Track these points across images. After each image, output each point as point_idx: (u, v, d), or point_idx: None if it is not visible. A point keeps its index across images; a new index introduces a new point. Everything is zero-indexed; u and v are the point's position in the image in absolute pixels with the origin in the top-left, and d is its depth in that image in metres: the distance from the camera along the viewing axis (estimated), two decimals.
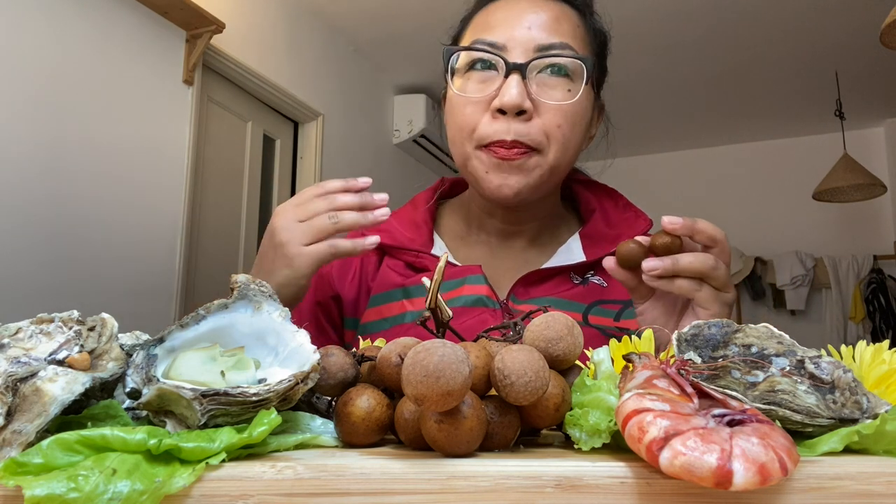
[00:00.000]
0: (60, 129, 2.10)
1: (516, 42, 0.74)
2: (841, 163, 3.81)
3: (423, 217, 0.88)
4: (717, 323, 0.41)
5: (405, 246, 0.83)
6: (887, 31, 2.18)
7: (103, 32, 2.26)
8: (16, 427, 0.32)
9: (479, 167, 0.76)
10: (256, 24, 2.98)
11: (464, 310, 0.76)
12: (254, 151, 3.10)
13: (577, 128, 0.76)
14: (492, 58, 0.75)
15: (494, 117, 0.74)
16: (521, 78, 0.72)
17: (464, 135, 0.76)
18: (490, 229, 0.85)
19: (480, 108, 0.75)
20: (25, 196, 1.98)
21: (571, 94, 0.74)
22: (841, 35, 3.49)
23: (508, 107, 0.72)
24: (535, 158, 0.74)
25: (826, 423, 0.34)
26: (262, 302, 0.43)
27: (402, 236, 0.85)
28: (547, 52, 0.74)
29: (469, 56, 0.77)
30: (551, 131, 0.74)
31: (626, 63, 3.77)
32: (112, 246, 2.24)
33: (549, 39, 0.74)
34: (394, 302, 0.81)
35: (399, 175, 4.03)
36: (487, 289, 0.78)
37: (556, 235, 0.87)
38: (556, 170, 0.76)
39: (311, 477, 0.30)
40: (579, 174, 0.93)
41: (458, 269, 0.81)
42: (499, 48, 0.74)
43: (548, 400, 0.36)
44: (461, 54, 0.78)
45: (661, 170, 5.25)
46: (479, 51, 0.75)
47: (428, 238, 0.86)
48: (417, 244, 0.84)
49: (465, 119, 0.76)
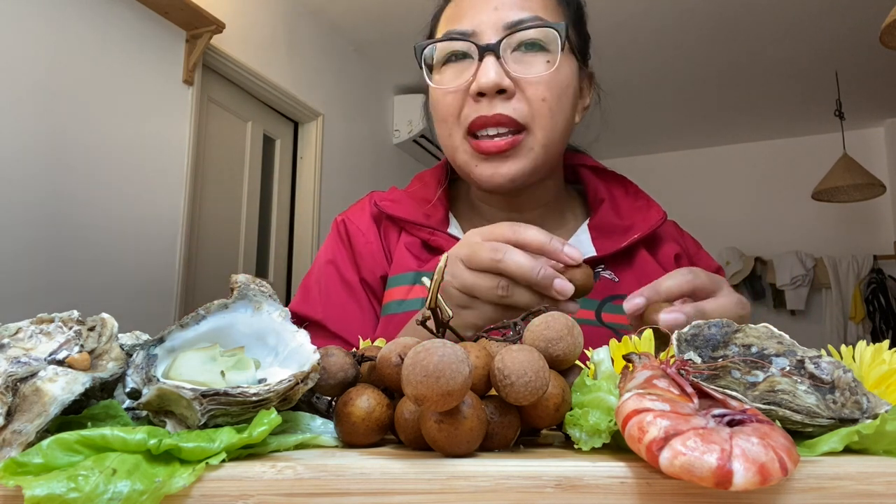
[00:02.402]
0: (60, 129, 2.10)
1: (485, 25, 0.73)
2: (840, 163, 3.81)
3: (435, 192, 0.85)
4: (717, 323, 0.41)
5: (420, 222, 0.81)
6: (887, 31, 2.18)
7: (103, 32, 2.26)
8: (16, 427, 0.32)
9: (468, 160, 0.74)
10: (256, 24, 2.98)
11: None
12: (254, 151, 3.10)
13: (564, 99, 0.74)
14: (463, 45, 0.74)
15: (476, 101, 0.72)
16: (496, 58, 0.71)
17: (448, 125, 0.75)
18: (494, 219, 0.82)
19: (460, 97, 0.73)
20: (25, 196, 1.98)
21: (550, 64, 0.72)
22: (841, 35, 3.49)
23: (486, 87, 0.70)
24: (526, 140, 0.72)
25: (826, 423, 0.34)
26: (262, 302, 0.43)
27: (417, 211, 0.83)
28: (516, 27, 0.72)
29: (443, 50, 0.76)
30: (536, 105, 0.72)
31: (626, 63, 3.78)
32: (112, 246, 2.24)
33: (518, 15, 0.72)
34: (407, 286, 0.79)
35: (399, 175, 4.03)
36: None
37: (563, 224, 0.84)
38: (549, 147, 0.74)
39: (311, 477, 0.30)
40: (587, 158, 0.90)
41: None
42: (469, 35, 0.73)
43: (548, 400, 0.36)
44: (435, 50, 0.76)
45: (661, 170, 5.25)
46: (449, 40, 0.74)
47: (444, 216, 0.83)
48: (433, 221, 0.82)
49: (446, 109, 0.75)
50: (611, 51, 3.61)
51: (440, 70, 0.76)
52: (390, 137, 4.08)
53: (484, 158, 0.72)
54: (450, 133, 0.75)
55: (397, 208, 0.83)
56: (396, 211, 0.83)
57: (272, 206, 3.24)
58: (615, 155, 5.23)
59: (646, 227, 0.79)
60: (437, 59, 0.77)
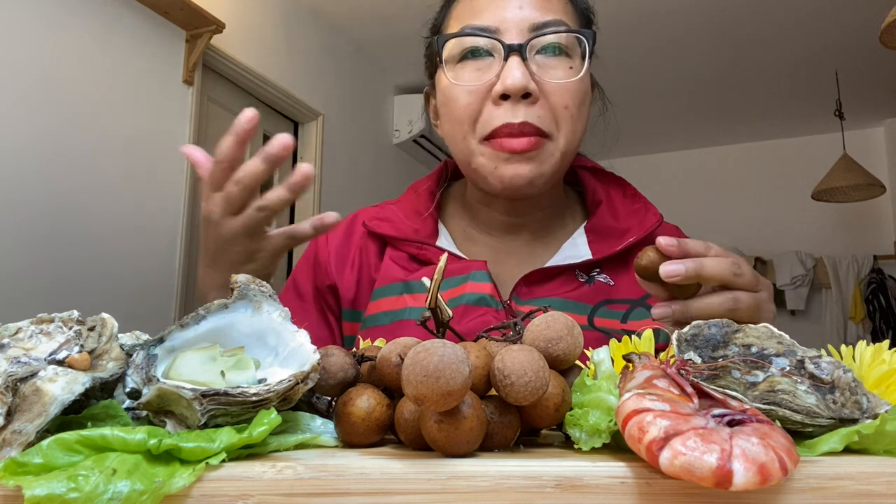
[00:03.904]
0: (60, 128, 2.10)
1: (509, 23, 0.70)
2: (840, 163, 3.81)
3: (427, 206, 0.83)
4: (717, 323, 0.41)
5: (409, 237, 0.80)
6: (887, 31, 2.18)
7: (103, 32, 2.26)
8: (16, 427, 0.32)
9: (486, 163, 0.71)
10: (256, 24, 2.98)
11: (466, 309, 0.73)
12: (254, 151, 3.09)
13: (584, 107, 0.73)
14: (487, 43, 0.70)
15: (497, 104, 0.69)
16: (522, 59, 0.68)
17: (465, 128, 0.72)
18: (492, 223, 0.81)
19: (479, 98, 0.70)
20: (25, 196, 1.98)
21: (574, 71, 0.70)
22: (841, 35, 3.49)
23: (513, 90, 0.67)
24: (548, 145, 0.70)
25: (826, 423, 0.34)
26: (262, 302, 0.43)
27: (406, 227, 0.81)
28: (543, 30, 0.70)
29: (460, 45, 0.72)
30: (559, 113, 0.70)
31: (626, 63, 3.78)
32: (112, 246, 2.24)
33: (542, 17, 0.70)
34: (395, 296, 0.78)
35: (399, 175, 4.03)
36: (491, 287, 0.75)
37: (563, 226, 0.83)
38: (567, 155, 0.72)
39: (311, 477, 0.30)
40: (585, 160, 0.89)
41: (463, 263, 0.77)
42: (492, 32, 0.70)
43: (548, 400, 0.36)
44: (450, 44, 0.73)
45: (661, 170, 5.25)
46: (473, 36, 0.71)
47: (433, 229, 0.82)
48: (422, 235, 0.80)
49: (463, 111, 0.71)
50: (611, 51, 3.60)
51: (455, 67, 0.73)
52: (390, 137, 4.07)
53: (506, 159, 0.70)
54: (464, 136, 0.72)
55: (386, 227, 0.82)
56: (385, 230, 0.81)
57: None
58: (615, 155, 5.21)
59: (642, 231, 0.78)
60: (452, 55, 0.73)
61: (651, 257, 0.52)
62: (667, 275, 0.50)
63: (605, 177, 0.86)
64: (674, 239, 0.51)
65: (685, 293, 0.53)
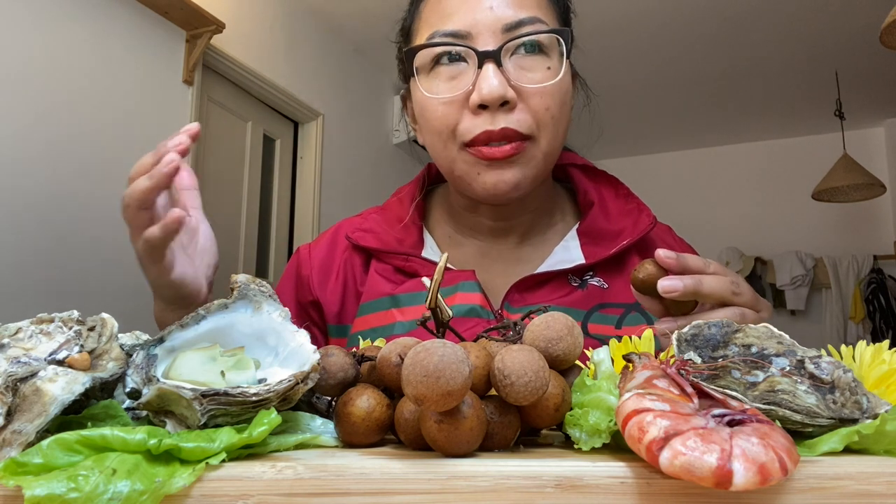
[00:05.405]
0: (60, 129, 2.10)
1: (481, 26, 0.67)
2: (840, 163, 3.81)
3: (411, 214, 0.81)
4: (717, 323, 0.41)
5: (393, 249, 0.78)
6: (887, 32, 2.18)
7: (103, 32, 2.26)
8: (16, 427, 0.32)
9: (469, 170, 0.69)
10: (256, 24, 2.98)
11: (457, 321, 0.71)
12: (254, 151, 3.10)
13: (565, 106, 0.70)
14: (460, 50, 0.67)
15: (476, 113, 0.67)
16: (497, 66, 0.65)
17: (444, 137, 0.69)
18: (478, 228, 0.79)
19: (456, 108, 0.68)
20: (25, 196, 1.98)
21: (552, 71, 0.68)
22: (841, 35, 3.49)
23: (490, 100, 0.64)
24: (530, 148, 0.68)
25: (826, 423, 0.34)
26: (262, 302, 0.43)
27: (390, 238, 0.79)
28: (517, 30, 0.67)
29: (431, 52, 0.69)
30: (540, 116, 0.67)
31: (626, 63, 3.78)
32: (112, 246, 2.24)
33: (516, 16, 0.67)
34: (383, 311, 0.76)
35: (399, 175, 4.03)
36: (481, 297, 0.73)
37: (552, 226, 0.81)
38: (550, 156, 0.71)
39: (311, 477, 0.30)
40: (576, 157, 0.85)
41: (451, 274, 0.75)
42: (463, 37, 0.67)
43: (548, 400, 0.36)
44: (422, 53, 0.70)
45: (661, 170, 5.25)
46: (442, 45, 0.68)
47: (418, 238, 0.80)
48: (406, 246, 0.78)
49: (441, 121, 0.69)
50: (611, 51, 3.62)
51: (429, 75, 0.70)
52: (390, 137, 4.07)
53: (487, 165, 0.68)
54: (444, 145, 0.70)
55: (369, 238, 0.80)
56: (368, 242, 0.79)
57: (272, 206, 3.24)
58: (615, 155, 5.23)
59: (635, 233, 0.76)
60: (424, 63, 0.70)
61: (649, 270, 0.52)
62: (665, 290, 0.50)
63: (596, 175, 0.84)
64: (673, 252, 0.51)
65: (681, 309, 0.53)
